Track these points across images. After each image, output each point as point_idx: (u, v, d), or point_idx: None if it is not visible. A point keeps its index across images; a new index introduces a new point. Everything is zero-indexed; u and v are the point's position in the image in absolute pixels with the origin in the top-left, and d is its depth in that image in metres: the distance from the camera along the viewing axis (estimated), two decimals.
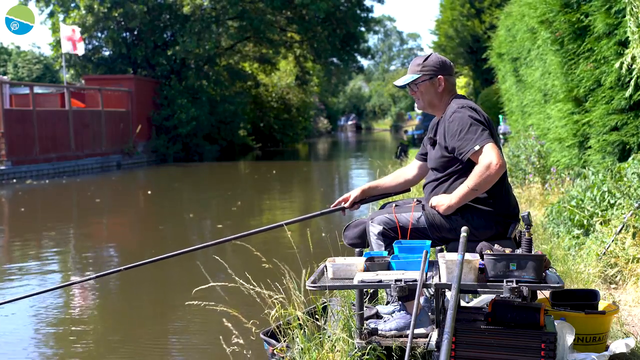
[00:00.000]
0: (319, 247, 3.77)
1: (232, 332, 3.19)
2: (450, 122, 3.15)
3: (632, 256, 4.35)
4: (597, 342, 3.01)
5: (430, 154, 3.35)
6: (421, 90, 3.28)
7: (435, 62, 3.28)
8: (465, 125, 3.09)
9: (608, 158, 5.81)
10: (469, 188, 3.05)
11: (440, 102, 3.29)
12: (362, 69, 40.66)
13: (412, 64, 3.35)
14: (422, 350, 2.86)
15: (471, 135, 3.07)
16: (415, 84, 3.28)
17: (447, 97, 3.29)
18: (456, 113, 3.14)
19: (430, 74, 3.25)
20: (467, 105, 3.17)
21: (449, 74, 3.29)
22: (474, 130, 3.07)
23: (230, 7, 26.79)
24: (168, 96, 26.35)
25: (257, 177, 19.34)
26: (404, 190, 3.67)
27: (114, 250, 9.07)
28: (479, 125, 3.09)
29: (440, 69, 3.27)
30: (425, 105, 3.33)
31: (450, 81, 3.30)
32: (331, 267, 2.92)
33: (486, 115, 3.23)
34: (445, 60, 3.32)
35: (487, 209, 3.12)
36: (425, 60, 3.28)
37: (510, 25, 10.97)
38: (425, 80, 3.26)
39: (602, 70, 5.68)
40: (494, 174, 3.01)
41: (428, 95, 3.28)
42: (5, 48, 44.61)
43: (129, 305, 6.18)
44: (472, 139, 3.06)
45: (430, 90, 3.27)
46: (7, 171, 17.99)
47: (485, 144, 3.04)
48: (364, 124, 74.30)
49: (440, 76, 3.26)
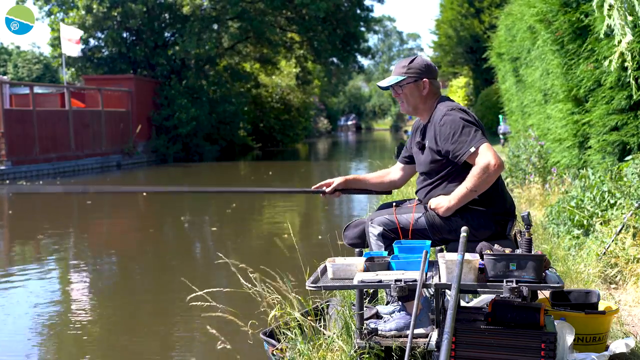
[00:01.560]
0: (319, 247, 3.77)
1: (232, 332, 3.19)
2: (442, 126, 3.13)
3: (632, 256, 4.35)
4: (597, 342, 3.01)
5: (418, 158, 3.33)
6: (405, 92, 3.26)
7: (421, 64, 3.27)
8: (457, 127, 3.08)
9: (608, 158, 5.81)
10: (468, 189, 3.05)
11: (425, 105, 3.28)
12: (362, 69, 40.65)
13: (397, 66, 3.34)
14: (422, 350, 2.86)
15: (465, 137, 3.06)
16: (399, 86, 3.26)
17: (431, 101, 3.28)
18: (446, 116, 3.13)
19: (415, 76, 3.24)
20: (456, 107, 3.17)
21: (433, 78, 3.29)
22: (467, 132, 3.07)
23: (230, 7, 26.78)
24: (168, 96, 26.35)
25: (254, 178, 19.32)
26: (387, 192, 3.67)
27: (97, 254, 8.85)
28: (471, 127, 3.08)
29: (425, 72, 3.26)
30: (410, 108, 3.31)
31: (435, 84, 3.29)
32: (331, 267, 2.92)
33: (475, 115, 3.23)
34: (430, 63, 3.32)
35: (484, 209, 3.12)
36: (411, 63, 3.27)
37: (510, 25, 10.96)
38: (410, 82, 3.24)
39: (602, 70, 5.68)
40: (492, 174, 3.01)
41: (412, 97, 3.26)
42: (5, 48, 44.62)
43: (129, 305, 6.18)
44: (467, 140, 3.06)
45: (415, 92, 3.25)
46: (7, 171, 17.99)
47: (481, 144, 3.04)
48: (364, 124, 74.31)
49: (425, 79, 3.25)
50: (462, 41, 25.46)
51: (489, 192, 3.11)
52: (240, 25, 28.30)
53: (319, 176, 20.79)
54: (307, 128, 42.26)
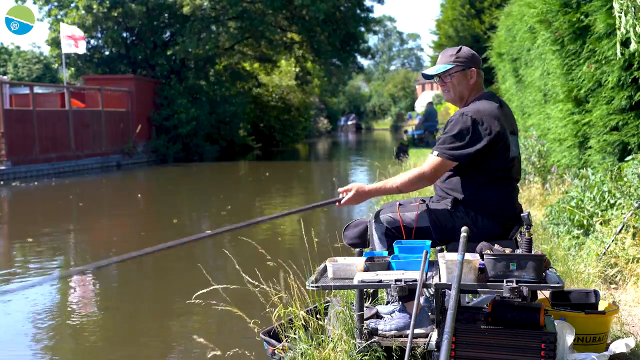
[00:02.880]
0: (319, 247, 3.77)
1: (232, 332, 3.19)
2: (450, 120, 3.20)
3: (632, 256, 4.35)
4: (597, 342, 3.01)
5: None
6: (453, 81, 3.26)
7: (467, 54, 3.28)
8: (451, 130, 3.14)
9: (608, 158, 5.81)
10: (395, 187, 3.21)
11: (469, 95, 3.27)
12: (362, 69, 40.63)
13: (443, 55, 3.33)
14: (422, 350, 2.86)
15: (446, 139, 3.14)
16: (448, 75, 3.26)
17: (475, 92, 3.28)
18: (463, 115, 3.13)
19: (463, 65, 3.24)
20: (471, 115, 3.12)
21: (479, 68, 3.29)
22: (449, 138, 3.12)
23: (230, 7, 26.77)
24: (168, 96, 26.34)
25: (252, 179, 19.29)
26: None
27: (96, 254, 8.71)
28: (461, 138, 3.10)
29: (472, 60, 3.26)
30: (456, 97, 3.30)
31: (481, 75, 3.29)
32: (331, 267, 2.92)
33: (497, 128, 3.11)
34: (475, 53, 3.32)
35: (495, 212, 3.12)
36: (459, 52, 3.27)
37: (510, 25, 10.97)
38: (458, 71, 3.24)
39: (602, 70, 5.67)
40: (418, 185, 3.22)
41: (459, 86, 3.26)
42: (5, 48, 44.60)
43: (129, 305, 6.17)
44: (442, 143, 3.14)
45: (463, 81, 3.25)
46: (6, 171, 17.98)
47: (440, 154, 3.12)
48: (364, 124, 74.23)
49: (473, 68, 3.25)
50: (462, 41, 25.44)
51: (501, 198, 3.13)
52: (240, 25, 28.29)
53: (319, 176, 20.78)
54: (307, 128, 42.22)
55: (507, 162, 3.17)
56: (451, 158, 3.10)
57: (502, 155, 3.14)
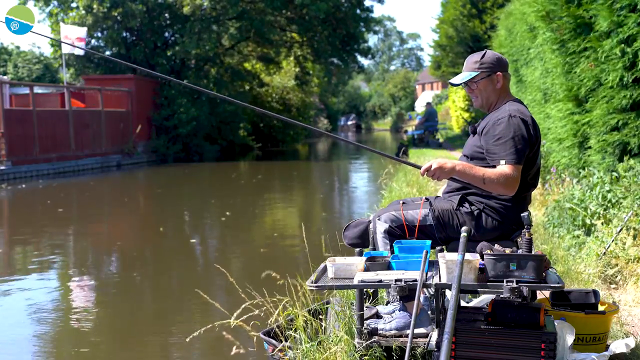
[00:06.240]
0: (319, 247, 3.77)
1: (233, 332, 3.19)
2: (497, 124, 3.10)
3: (632, 256, 4.36)
4: (597, 342, 3.01)
5: (469, 140, 3.33)
6: (480, 87, 3.25)
7: (492, 58, 3.25)
8: (507, 135, 3.05)
9: (608, 158, 5.80)
10: (481, 177, 3.02)
11: (497, 100, 3.25)
12: (362, 69, 40.63)
13: (468, 62, 3.31)
14: (422, 350, 2.86)
15: (504, 147, 3.04)
16: (473, 82, 3.25)
17: (504, 95, 3.25)
18: (512, 118, 3.08)
19: (488, 71, 3.22)
20: (520, 116, 3.11)
21: (505, 71, 3.27)
22: (510, 144, 3.03)
23: (230, 7, 26.76)
24: (168, 96, 26.34)
25: (254, 181, 19.30)
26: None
27: (96, 253, 8.77)
28: (517, 142, 3.04)
29: (497, 65, 3.24)
30: (483, 102, 3.29)
31: (507, 77, 3.27)
32: (331, 267, 2.92)
33: (535, 130, 3.14)
34: (501, 56, 3.30)
35: (505, 213, 3.12)
36: (483, 58, 3.25)
37: (510, 25, 10.97)
38: (483, 77, 3.23)
39: (602, 68, 5.67)
40: (499, 189, 3.02)
41: (486, 92, 3.25)
42: (5, 48, 44.58)
43: (129, 305, 6.17)
44: (505, 150, 3.03)
45: (489, 87, 3.24)
46: (7, 171, 17.98)
47: (513, 163, 3.01)
48: (364, 124, 74.21)
49: (499, 73, 3.23)
50: (462, 41, 25.43)
51: (514, 205, 3.12)
52: (241, 25, 28.29)
53: (318, 176, 20.78)
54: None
55: (535, 167, 3.18)
56: (520, 162, 3.04)
57: (533, 160, 3.14)
